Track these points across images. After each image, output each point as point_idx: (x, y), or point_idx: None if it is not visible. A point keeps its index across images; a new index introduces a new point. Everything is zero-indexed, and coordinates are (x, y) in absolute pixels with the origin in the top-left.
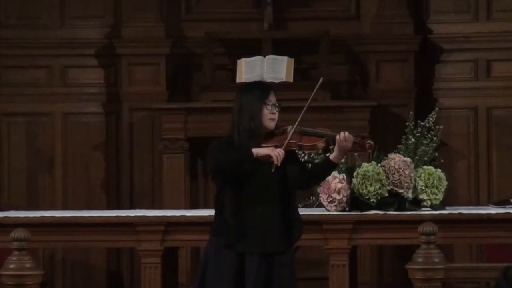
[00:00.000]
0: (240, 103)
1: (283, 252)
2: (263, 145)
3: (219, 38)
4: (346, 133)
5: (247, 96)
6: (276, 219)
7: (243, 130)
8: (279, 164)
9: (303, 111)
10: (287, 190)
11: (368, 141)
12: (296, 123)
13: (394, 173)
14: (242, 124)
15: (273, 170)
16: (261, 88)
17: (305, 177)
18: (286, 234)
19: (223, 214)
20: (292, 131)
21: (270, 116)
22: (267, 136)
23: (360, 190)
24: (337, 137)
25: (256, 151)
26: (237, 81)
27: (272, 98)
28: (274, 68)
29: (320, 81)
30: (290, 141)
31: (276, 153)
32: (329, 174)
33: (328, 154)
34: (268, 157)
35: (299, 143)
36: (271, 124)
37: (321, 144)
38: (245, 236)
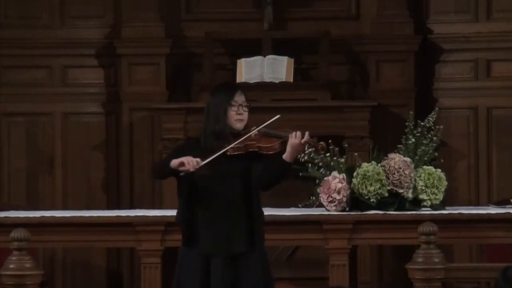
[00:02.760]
0: (208, 105)
1: (248, 253)
2: (226, 146)
3: (219, 38)
4: (298, 132)
5: (214, 98)
6: (238, 220)
7: (208, 133)
8: (190, 170)
9: (273, 119)
10: (249, 190)
11: (321, 143)
12: (261, 126)
13: (394, 173)
14: (208, 127)
15: (182, 174)
16: (227, 89)
17: (261, 176)
18: (249, 234)
19: (178, 213)
20: (251, 132)
21: (236, 117)
22: (236, 137)
23: (360, 190)
24: (289, 136)
25: (173, 161)
26: (237, 81)
27: (239, 99)
28: (274, 68)
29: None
30: (250, 142)
31: (189, 160)
32: (283, 174)
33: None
34: (182, 164)
35: (258, 144)
36: (238, 125)
37: (277, 145)
38: (205, 237)
